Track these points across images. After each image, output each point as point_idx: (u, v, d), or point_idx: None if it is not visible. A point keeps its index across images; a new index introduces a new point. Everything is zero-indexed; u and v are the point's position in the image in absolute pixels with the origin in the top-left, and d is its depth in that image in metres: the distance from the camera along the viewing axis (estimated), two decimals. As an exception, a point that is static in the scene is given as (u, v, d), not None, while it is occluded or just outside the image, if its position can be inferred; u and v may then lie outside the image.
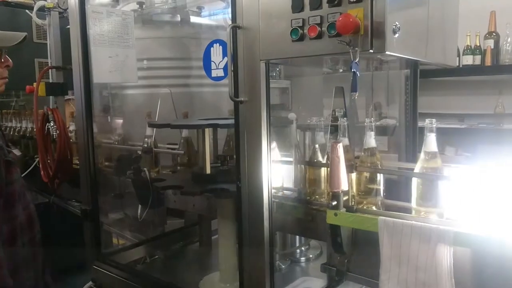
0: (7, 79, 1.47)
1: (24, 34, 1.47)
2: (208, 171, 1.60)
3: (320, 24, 1.01)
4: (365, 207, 1.26)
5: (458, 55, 3.24)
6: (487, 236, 0.96)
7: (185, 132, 1.94)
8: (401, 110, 1.86)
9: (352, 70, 0.94)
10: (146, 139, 2.01)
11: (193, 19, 2.40)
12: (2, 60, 1.43)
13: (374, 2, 0.94)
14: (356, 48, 0.95)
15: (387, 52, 0.94)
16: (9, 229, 1.34)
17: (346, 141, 1.31)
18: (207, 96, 2.27)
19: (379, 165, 1.26)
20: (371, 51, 0.94)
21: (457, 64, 3.24)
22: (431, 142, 1.13)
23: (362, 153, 1.28)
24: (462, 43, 3.31)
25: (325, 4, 1.00)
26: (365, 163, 1.26)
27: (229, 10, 1.20)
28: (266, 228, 1.23)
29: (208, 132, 1.61)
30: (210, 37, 1.86)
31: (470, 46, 3.32)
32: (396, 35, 0.97)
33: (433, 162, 1.13)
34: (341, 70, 1.76)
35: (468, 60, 3.32)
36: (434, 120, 1.12)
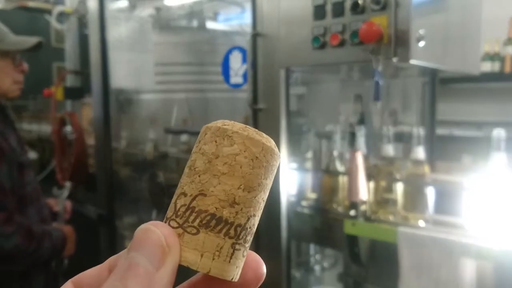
0: (22, 85, 1.44)
1: (38, 39, 1.42)
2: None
3: (342, 32, 1.00)
4: (381, 217, 1.24)
5: (476, 62, 3.18)
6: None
7: (184, 137, 1.94)
8: (418, 117, 1.83)
9: (375, 80, 0.93)
10: (150, 143, 2.02)
11: (209, 24, 2.41)
12: (17, 64, 1.40)
13: (398, 10, 0.93)
14: (379, 57, 0.93)
15: (411, 61, 0.93)
16: None
17: (364, 149, 1.29)
18: (222, 101, 2.27)
19: (396, 175, 1.24)
20: (394, 60, 0.93)
21: (475, 71, 3.18)
22: (418, 150, 1.22)
23: (380, 162, 1.27)
24: (481, 49, 3.25)
25: (347, 12, 0.99)
26: (382, 172, 1.24)
27: (245, 15, 1.20)
28: (283, 238, 1.22)
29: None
30: (226, 43, 1.85)
31: (489, 53, 3.26)
32: (420, 44, 0.95)
33: (420, 169, 1.22)
34: (356, 77, 1.74)
35: (486, 66, 3.26)
36: (421, 129, 1.21)
